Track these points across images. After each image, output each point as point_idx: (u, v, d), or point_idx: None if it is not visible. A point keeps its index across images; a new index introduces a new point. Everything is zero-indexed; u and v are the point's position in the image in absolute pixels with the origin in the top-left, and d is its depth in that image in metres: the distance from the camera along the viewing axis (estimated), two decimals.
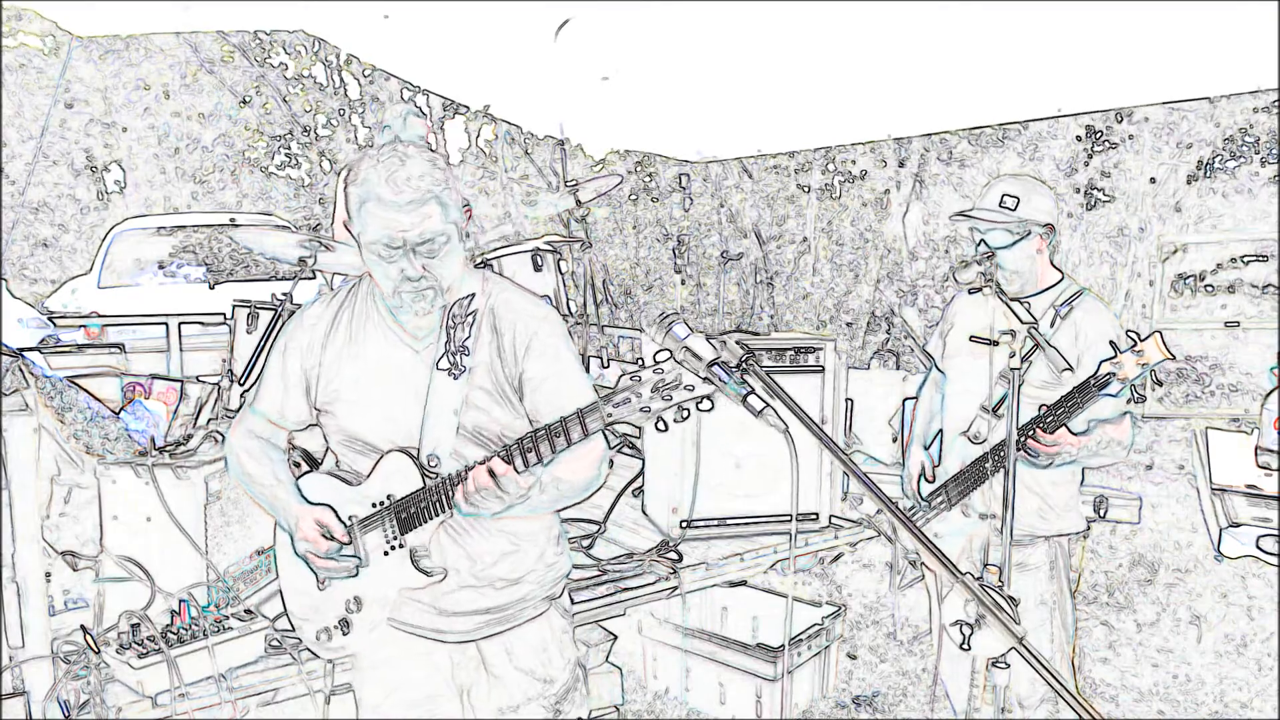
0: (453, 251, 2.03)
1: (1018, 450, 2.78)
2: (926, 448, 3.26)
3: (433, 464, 2.07)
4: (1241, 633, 4.23)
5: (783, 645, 3.71)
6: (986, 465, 2.97)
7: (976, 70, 7.00)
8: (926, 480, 3.23)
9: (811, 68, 8.10)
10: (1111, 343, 2.55)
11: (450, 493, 2.01)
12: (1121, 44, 6.35)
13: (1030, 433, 2.79)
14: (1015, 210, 2.86)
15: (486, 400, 2.09)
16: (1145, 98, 6.24)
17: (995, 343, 2.90)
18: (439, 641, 2.19)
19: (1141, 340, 2.53)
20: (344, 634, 2.16)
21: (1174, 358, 2.46)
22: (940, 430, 3.24)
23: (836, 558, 3.59)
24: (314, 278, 4.13)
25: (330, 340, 2.16)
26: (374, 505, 2.13)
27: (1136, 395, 2.53)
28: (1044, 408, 2.80)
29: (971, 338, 3.05)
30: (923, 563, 3.13)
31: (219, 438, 3.46)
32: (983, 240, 2.90)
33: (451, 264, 2.04)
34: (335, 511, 2.14)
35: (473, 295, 2.10)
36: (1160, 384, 2.49)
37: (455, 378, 2.06)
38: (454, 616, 2.18)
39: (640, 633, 4.04)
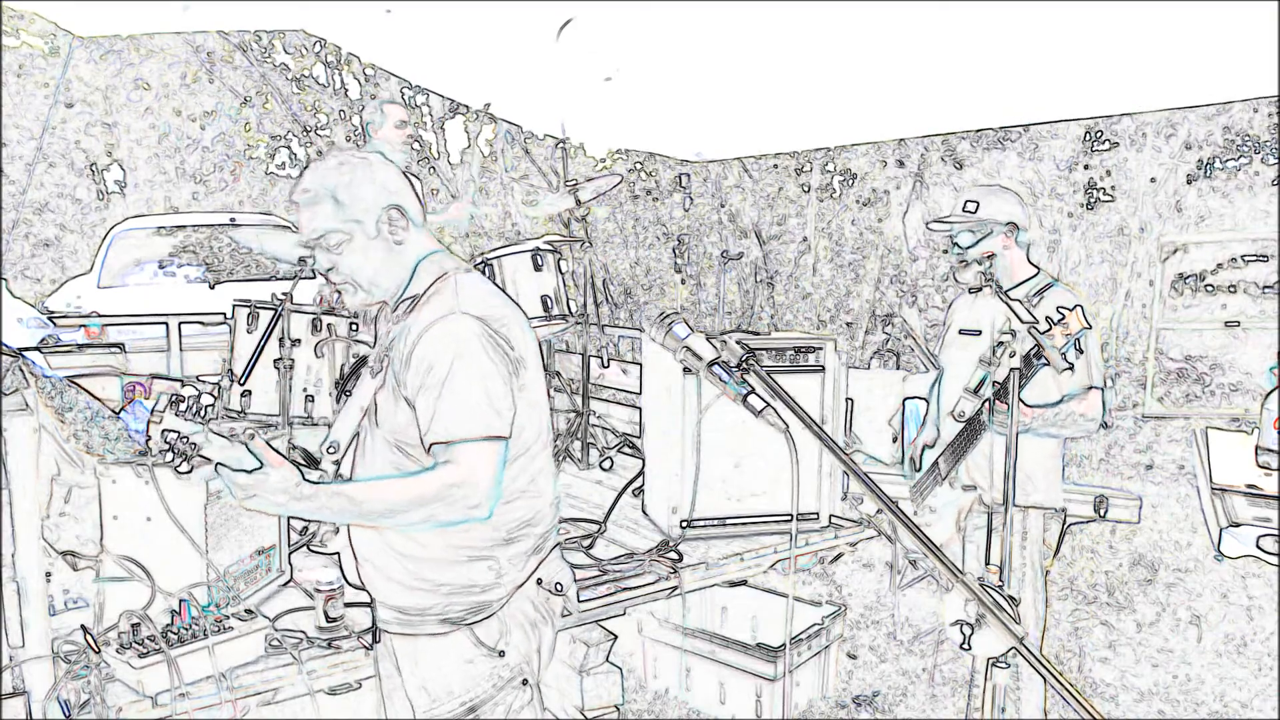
0: (358, 248, 2.03)
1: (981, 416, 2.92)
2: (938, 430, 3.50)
3: (331, 451, 2.09)
4: (1241, 633, 4.23)
5: (783, 645, 3.71)
6: (964, 434, 3.14)
7: (977, 71, 7.01)
8: (928, 447, 3.50)
9: (812, 68, 8.10)
10: (1047, 318, 2.75)
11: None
12: (1122, 47, 6.35)
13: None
14: (975, 214, 3.30)
15: (388, 401, 2.04)
16: (1147, 103, 6.24)
17: (978, 332, 3.32)
18: None
19: (1069, 312, 2.74)
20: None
21: (1090, 327, 2.70)
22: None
23: (836, 558, 3.59)
24: (314, 277, 4.14)
25: None
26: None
27: (1066, 363, 2.71)
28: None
29: (960, 331, 3.41)
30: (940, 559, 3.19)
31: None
32: (955, 243, 3.34)
33: (355, 260, 2.04)
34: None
35: (414, 298, 2.04)
36: (1082, 352, 2.78)
37: (374, 375, 2.08)
38: None
39: (640, 633, 4.04)
